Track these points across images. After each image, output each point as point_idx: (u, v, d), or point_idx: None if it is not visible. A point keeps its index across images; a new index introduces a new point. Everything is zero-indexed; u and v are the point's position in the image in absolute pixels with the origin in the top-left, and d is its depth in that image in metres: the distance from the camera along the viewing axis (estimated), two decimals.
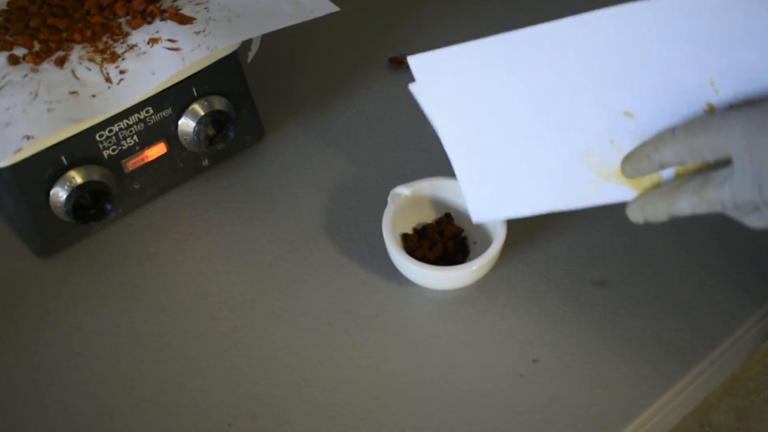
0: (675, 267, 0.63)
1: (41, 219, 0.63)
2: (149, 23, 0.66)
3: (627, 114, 0.47)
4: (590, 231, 0.65)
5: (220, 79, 0.67)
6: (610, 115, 0.47)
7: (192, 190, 0.70)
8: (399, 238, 0.62)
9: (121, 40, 0.65)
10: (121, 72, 0.63)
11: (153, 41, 0.64)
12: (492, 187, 0.57)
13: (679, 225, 0.60)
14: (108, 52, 0.64)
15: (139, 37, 0.65)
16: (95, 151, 0.63)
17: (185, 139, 0.67)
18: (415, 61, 0.50)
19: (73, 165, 0.62)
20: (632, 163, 0.49)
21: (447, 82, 0.51)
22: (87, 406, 0.57)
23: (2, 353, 0.60)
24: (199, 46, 0.64)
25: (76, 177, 0.62)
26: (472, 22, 0.84)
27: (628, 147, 0.49)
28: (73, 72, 0.63)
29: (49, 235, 0.64)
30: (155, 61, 0.63)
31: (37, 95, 0.61)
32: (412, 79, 0.53)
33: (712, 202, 0.47)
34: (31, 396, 0.58)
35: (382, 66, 0.80)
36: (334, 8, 0.68)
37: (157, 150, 0.66)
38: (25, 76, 0.62)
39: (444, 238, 0.63)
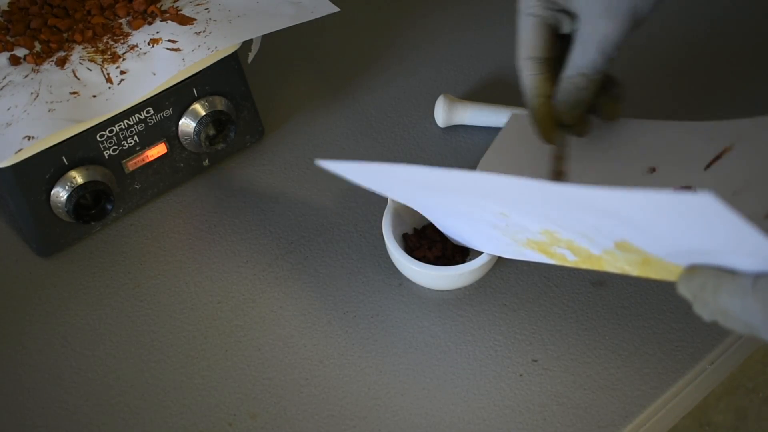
0: None
1: (42, 219, 0.63)
2: (150, 24, 0.66)
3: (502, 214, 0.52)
4: None
5: (221, 79, 0.67)
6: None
7: (192, 190, 0.70)
8: (399, 238, 0.62)
9: (122, 41, 0.65)
10: (122, 72, 0.63)
11: (154, 42, 0.64)
12: (453, 229, 0.61)
13: None
14: (109, 53, 0.64)
15: (139, 37, 0.65)
16: (96, 152, 0.63)
17: (186, 140, 0.67)
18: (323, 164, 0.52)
19: (74, 165, 0.62)
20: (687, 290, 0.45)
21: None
22: (87, 406, 0.57)
23: (2, 353, 0.60)
24: (199, 46, 0.64)
25: (77, 177, 0.62)
26: (472, 21, 0.84)
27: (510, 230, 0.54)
28: (74, 72, 0.63)
29: (50, 235, 0.64)
30: (156, 62, 0.63)
31: (38, 96, 0.61)
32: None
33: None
34: (31, 396, 0.58)
35: (382, 66, 0.80)
36: (334, 8, 0.68)
37: (158, 150, 0.66)
38: (26, 76, 0.62)
39: (444, 238, 0.63)
